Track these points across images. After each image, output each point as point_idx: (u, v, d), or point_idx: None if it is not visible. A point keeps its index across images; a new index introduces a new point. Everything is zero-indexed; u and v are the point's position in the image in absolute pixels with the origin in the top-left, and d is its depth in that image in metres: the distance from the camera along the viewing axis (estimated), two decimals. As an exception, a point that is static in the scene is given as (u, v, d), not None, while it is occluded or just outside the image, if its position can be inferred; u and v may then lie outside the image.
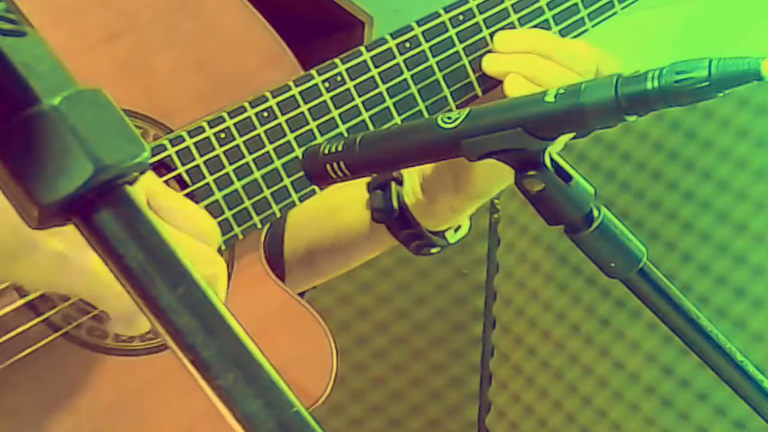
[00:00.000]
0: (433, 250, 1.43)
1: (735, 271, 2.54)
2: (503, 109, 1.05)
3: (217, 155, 1.24)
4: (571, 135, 1.14)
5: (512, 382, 2.86)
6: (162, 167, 1.21)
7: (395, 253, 2.78)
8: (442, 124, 1.06)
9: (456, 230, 1.43)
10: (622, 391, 2.66)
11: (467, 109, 1.07)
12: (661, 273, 1.08)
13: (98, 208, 0.67)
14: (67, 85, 0.68)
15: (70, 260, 1.02)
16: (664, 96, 0.97)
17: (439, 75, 1.32)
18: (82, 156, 0.66)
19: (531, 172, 1.04)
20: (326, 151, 1.13)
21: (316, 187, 1.26)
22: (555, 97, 1.02)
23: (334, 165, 1.13)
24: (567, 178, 1.04)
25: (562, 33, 1.36)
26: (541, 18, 1.35)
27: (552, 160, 1.04)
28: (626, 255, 1.06)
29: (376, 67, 1.30)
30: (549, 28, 1.35)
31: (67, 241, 1.02)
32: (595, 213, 1.05)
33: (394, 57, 1.30)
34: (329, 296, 2.93)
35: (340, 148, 1.13)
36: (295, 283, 1.48)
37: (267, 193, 1.26)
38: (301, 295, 1.32)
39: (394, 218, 1.40)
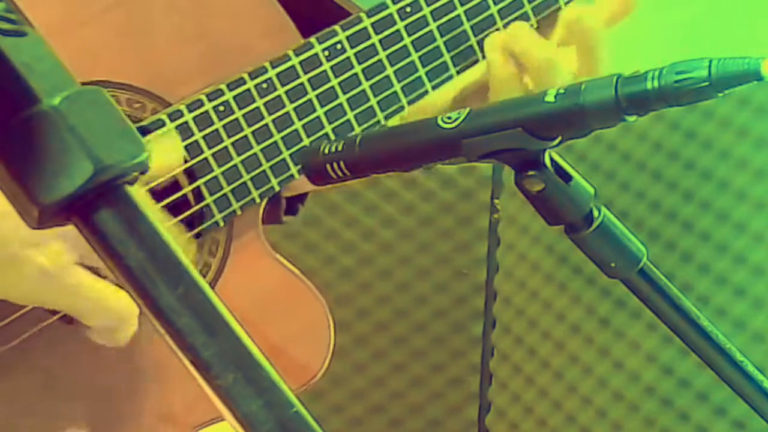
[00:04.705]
0: None
1: (735, 271, 2.54)
2: (503, 109, 1.05)
3: (216, 130, 1.22)
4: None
5: (512, 382, 2.86)
6: None
7: (395, 253, 2.77)
8: (442, 124, 1.06)
9: None
10: (622, 391, 2.66)
11: (467, 109, 1.07)
12: (661, 273, 1.08)
13: (98, 208, 0.67)
14: (67, 85, 0.68)
15: (53, 277, 1.05)
16: (664, 96, 0.97)
17: (440, 40, 1.30)
18: (82, 156, 0.66)
19: (531, 172, 1.04)
20: (326, 151, 1.13)
21: None
22: (555, 97, 1.02)
23: (334, 165, 1.13)
24: (567, 178, 1.04)
25: None
26: None
27: (552, 160, 1.04)
28: (626, 255, 1.06)
29: (377, 33, 1.27)
30: None
31: (51, 258, 1.04)
32: (595, 213, 1.05)
33: (395, 23, 1.28)
34: (329, 296, 2.92)
35: (339, 148, 1.13)
36: None
37: (266, 166, 1.24)
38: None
39: None
